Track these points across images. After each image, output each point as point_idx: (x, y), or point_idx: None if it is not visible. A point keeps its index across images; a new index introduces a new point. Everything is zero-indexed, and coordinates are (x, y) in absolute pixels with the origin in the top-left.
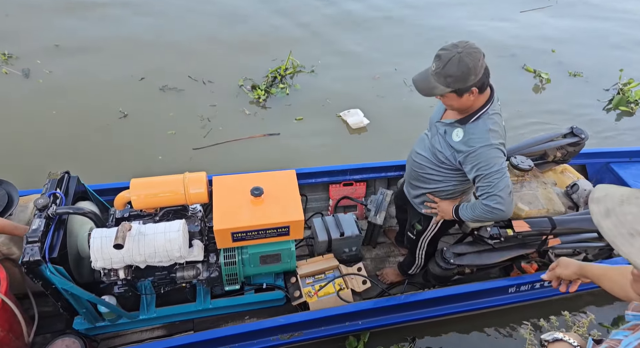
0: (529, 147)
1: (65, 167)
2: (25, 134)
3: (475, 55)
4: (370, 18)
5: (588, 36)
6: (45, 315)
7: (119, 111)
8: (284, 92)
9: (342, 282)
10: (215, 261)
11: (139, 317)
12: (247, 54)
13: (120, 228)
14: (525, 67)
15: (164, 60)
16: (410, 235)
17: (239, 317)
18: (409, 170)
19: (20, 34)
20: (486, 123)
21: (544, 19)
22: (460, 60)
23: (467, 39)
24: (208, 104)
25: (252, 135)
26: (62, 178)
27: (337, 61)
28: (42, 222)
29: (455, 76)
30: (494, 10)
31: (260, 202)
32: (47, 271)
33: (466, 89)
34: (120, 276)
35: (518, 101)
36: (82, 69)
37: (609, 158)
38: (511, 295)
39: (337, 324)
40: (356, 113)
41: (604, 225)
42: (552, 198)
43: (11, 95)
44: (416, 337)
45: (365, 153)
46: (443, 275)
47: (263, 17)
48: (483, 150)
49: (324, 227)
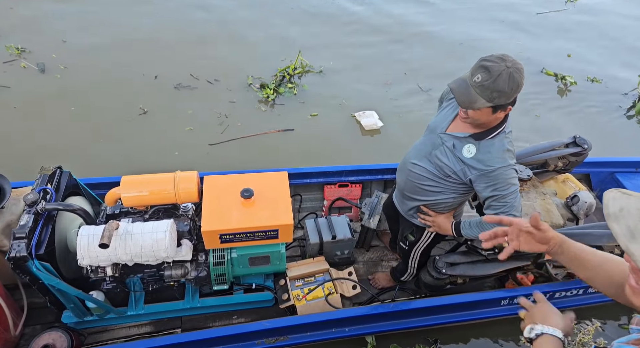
0: (529, 155)
1: (82, 162)
2: (42, 129)
3: (522, 72)
4: (381, 24)
5: (604, 41)
6: (36, 307)
7: (139, 108)
8: (291, 92)
9: (332, 286)
10: (204, 261)
11: (127, 312)
12: (257, 53)
13: (107, 227)
14: (544, 71)
15: (173, 58)
16: (402, 246)
17: (227, 317)
18: (403, 182)
19: (27, 28)
20: (503, 143)
21: (560, 22)
22: (511, 76)
23: (482, 44)
24: (222, 101)
25: (267, 131)
26: (53, 174)
27: (347, 63)
28: (31, 217)
29: (504, 92)
30: (508, 12)
31: (250, 204)
32: (34, 267)
33: (505, 105)
34: (108, 273)
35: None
36: (95, 65)
37: (615, 168)
38: (504, 308)
39: (323, 330)
40: (371, 115)
41: (634, 250)
42: (550, 209)
43: (30, 90)
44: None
45: (375, 155)
46: (435, 285)
47: (273, 17)
48: (501, 171)
49: (316, 229)
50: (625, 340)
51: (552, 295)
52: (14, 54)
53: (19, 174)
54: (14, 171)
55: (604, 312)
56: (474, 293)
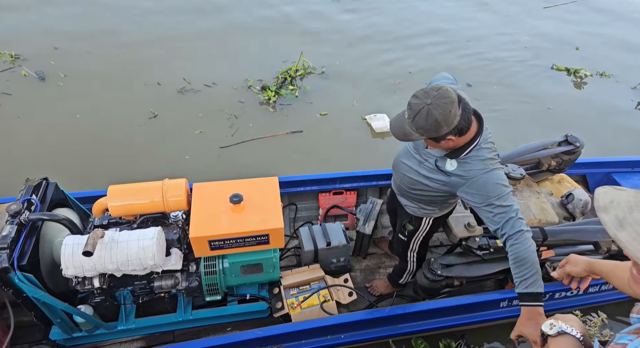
0: (521, 155)
1: (92, 168)
2: (46, 139)
3: (445, 107)
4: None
5: (613, 34)
6: (23, 325)
7: (149, 111)
8: (293, 94)
9: (327, 293)
10: (195, 270)
11: (117, 327)
12: (257, 53)
13: (91, 235)
14: (555, 67)
15: (172, 62)
16: (401, 237)
17: (221, 329)
18: (399, 179)
19: (17, 34)
20: (480, 154)
21: (567, 15)
22: (429, 113)
23: (488, 40)
24: (229, 104)
25: (275, 134)
26: (39, 185)
27: (350, 65)
28: (14, 228)
29: (425, 129)
30: (517, 6)
31: (239, 209)
32: (16, 279)
33: (441, 137)
34: (95, 285)
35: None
36: (93, 72)
37: (611, 168)
38: (503, 310)
39: (318, 337)
40: (382, 118)
41: (621, 238)
42: (545, 208)
43: (32, 98)
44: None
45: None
46: (431, 287)
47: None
48: (486, 177)
49: (310, 237)
50: (627, 331)
51: (552, 296)
52: (7, 62)
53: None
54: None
55: (611, 308)
56: (472, 295)
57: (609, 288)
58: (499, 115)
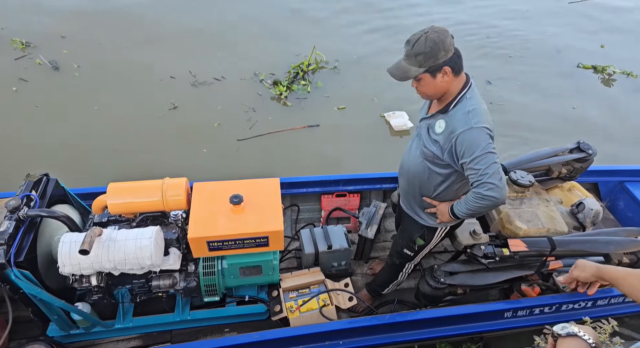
0: (531, 161)
1: (110, 161)
2: (62, 130)
3: (442, 33)
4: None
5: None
6: (22, 320)
7: (170, 103)
8: (305, 89)
9: (327, 297)
10: (193, 270)
11: (114, 326)
12: (268, 48)
13: (89, 233)
14: (581, 65)
15: (183, 55)
16: (407, 253)
17: (218, 330)
18: (406, 185)
19: (22, 20)
20: (464, 105)
21: (592, 12)
22: (427, 38)
23: (511, 35)
24: (245, 97)
25: (293, 127)
26: (39, 181)
27: (361, 60)
28: (12, 224)
29: (425, 53)
30: (541, 2)
31: (239, 210)
32: (12, 275)
33: (438, 67)
34: (93, 283)
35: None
36: (105, 64)
37: (624, 176)
38: (508, 320)
39: (316, 343)
40: (402, 115)
41: None
42: (554, 217)
43: (47, 88)
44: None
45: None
46: (433, 295)
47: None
48: (464, 135)
49: (311, 239)
50: None
51: (558, 307)
52: (18, 49)
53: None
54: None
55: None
56: (475, 304)
57: (618, 302)
58: (519, 114)
